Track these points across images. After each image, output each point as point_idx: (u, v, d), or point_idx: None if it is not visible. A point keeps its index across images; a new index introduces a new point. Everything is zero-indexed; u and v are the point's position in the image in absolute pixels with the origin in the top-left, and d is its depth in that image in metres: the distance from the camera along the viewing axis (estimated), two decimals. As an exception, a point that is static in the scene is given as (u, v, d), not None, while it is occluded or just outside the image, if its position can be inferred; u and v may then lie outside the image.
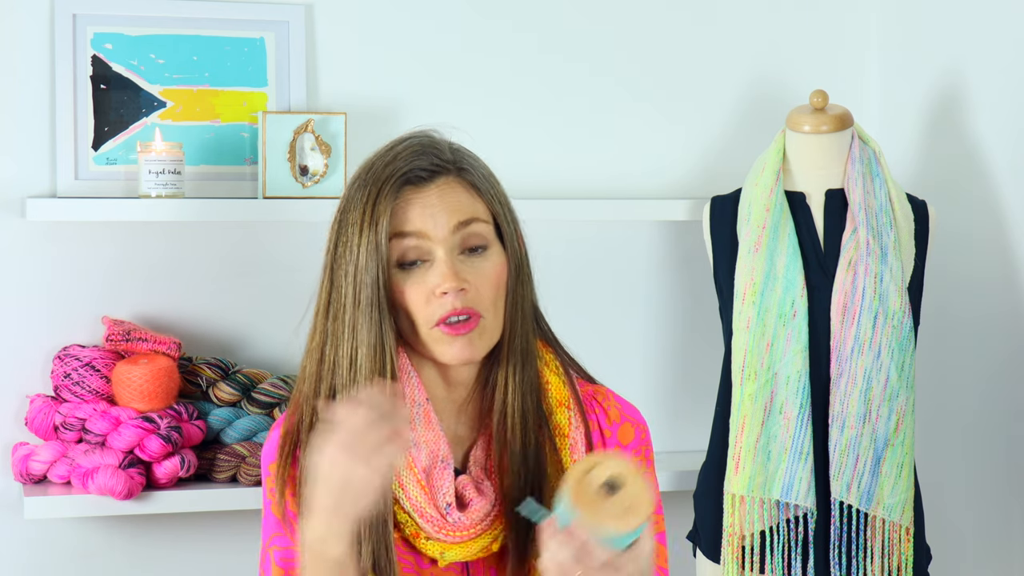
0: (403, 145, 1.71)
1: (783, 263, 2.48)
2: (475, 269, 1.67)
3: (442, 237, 1.66)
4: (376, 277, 1.65)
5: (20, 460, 2.53)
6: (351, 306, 1.66)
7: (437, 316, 1.66)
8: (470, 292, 1.66)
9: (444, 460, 1.70)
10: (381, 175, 1.67)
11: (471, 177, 1.70)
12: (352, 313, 1.66)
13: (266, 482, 1.74)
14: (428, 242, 1.66)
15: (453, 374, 1.73)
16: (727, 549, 2.48)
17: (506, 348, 1.71)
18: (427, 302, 1.66)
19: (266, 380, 2.62)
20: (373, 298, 1.65)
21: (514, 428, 1.71)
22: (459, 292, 1.65)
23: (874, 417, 2.45)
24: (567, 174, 2.86)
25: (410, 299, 1.66)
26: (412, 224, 1.66)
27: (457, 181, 1.69)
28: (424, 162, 1.68)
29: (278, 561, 1.71)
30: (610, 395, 1.81)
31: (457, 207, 1.67)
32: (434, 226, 1.66)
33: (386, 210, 1.65)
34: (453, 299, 1.65)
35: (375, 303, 1.65)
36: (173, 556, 2.69)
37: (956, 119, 2.78)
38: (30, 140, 2.59)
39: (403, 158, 1.68)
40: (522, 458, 1.70)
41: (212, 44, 2.66)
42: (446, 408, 1.74)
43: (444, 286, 1.65)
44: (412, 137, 1.73)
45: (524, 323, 1.72)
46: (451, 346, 1.66)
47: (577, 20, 2.86)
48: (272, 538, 1.72)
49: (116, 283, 2.63)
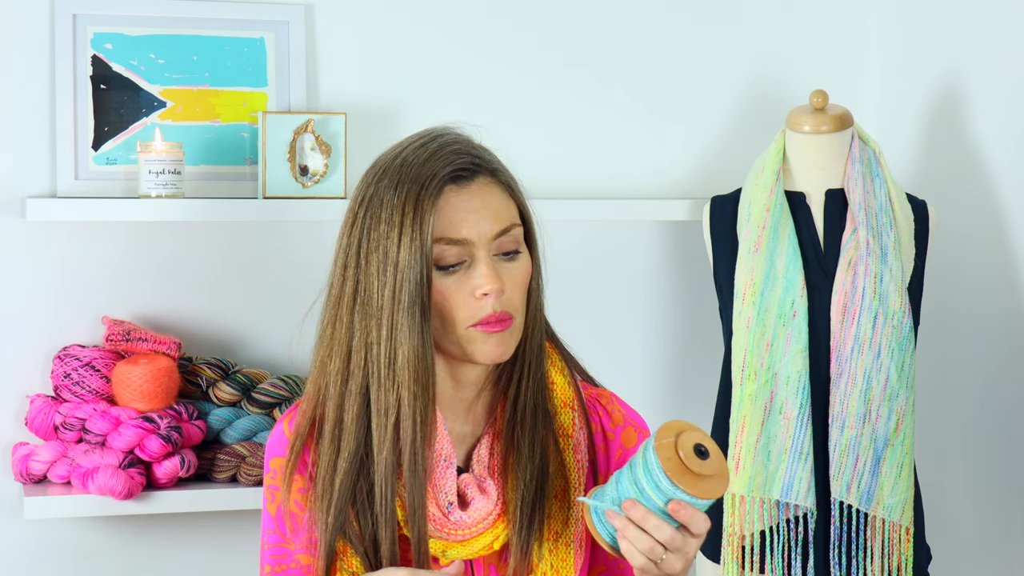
0: (437, 143, 1.69)
1: (783, 263, 2.48)
2: (509, 272, 1.68)
3: (484, 243, 1.67)
4: (420, 278, 1.63)
5: (20, 460, 2.52)
6: (389, 305, 1.64)
7: (477, 317, 1.66)
8: (505, 294, 1.67)
9: (447, 459, 1.70)
10: (420, 173, 1.66)
11: (505, 178, 1.71)
12: (391, 312, 1.64)
13: (267, 478, 1.74)
14: (471, 248, 1.66)
15: (463, 374, 1.73)
16: (727, 549, 2.48)
17: (525, 347, 1.73)
18: (466, 303, 1.66)
19: (266, 380, 2.62)
20: (416, 298, 1.64)
21: (523, 427, 1.72)
22: (498, 294, 1.66)
23: (874, 417, 2.45)
24: (567, 174, 2.86)
25: (450, 300, 1.66)
26: (459, 231, 1.65)
27: (494, 182, 1.69)
28: (465, 160, 1.68)
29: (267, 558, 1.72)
30: (614, 399, 1.82)
31: (498, 213, 1.67)
32: (478, 234, 1.66)
33: (431, 210, 1.64)
34: (493, 301, 1.65)
35: (418, 303, 1.64)
36: (173, 556, 2.69)
37: (956, 119, 2.78)
38: (30, 140, 2.59)
39: (443, 156, 1.67)
40: (528, 457, 1.71)
41: (212, 44, 2.66)
42: (453, 407, 1.75)
43: (486, 287, 1.65)
44: (445, 134, 1.71)
45: (540, 322, 1.75)
46: (486, 344, 1.67)
47: (577, 20, 2.86)
48: (267, 534, 1.73)
49: (116, 283, 2.63)
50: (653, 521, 1.57)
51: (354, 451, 1.67)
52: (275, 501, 1.72)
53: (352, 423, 1.67)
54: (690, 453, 1.57)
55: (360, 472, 1.67)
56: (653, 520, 1.57)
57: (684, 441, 1.58)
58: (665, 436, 1.58)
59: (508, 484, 1.71)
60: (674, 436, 1.58)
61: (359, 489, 1.67)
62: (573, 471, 1.74)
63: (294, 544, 1.70)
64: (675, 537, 1.58)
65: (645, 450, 1.59)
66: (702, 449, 1.58)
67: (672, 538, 1.57)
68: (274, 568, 1.71)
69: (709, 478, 1.57)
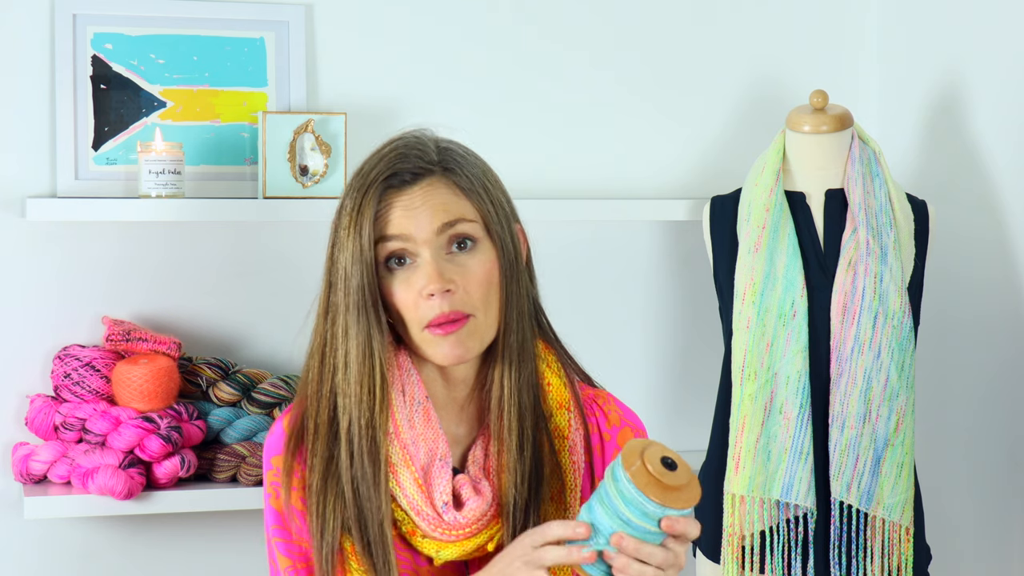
0: (389, 148, 1.72)
1: (783, 263, 2.48)
2: (462, 268, 1.68)
3: (426, 238, 1.67)
4: (361, 281, 1.66)
5: (20, 460, 2.53)
6: (343, 310, 1.68)
7: (426, 319, 1.67)
8: (457, 293, 1.67)
9: (442, 459, 1.70)
10: (367, 179, 1.69)
11: (456, 177, 1.70)
12: (344, 317, 1.68)
13: (267, 475, 1.74)
14: (413, 244, 1.67)
15: (452, 373, 1.74)
16: (727, 549, 2.48)
17: (501, 346, 1.72)
18: (415, 304, 1.67)
19: (266, 380, 2.62)
20: (360, 302, 1.67)
21: (511, 426, 1.71)
22: (445, 293, 1.66)
23: (874, 417, 2.45)
24: (567, 174, 2.86)
25: (400, 301, 1.68)
26: (394, 227, 1.67)
27: (442, 181, 1.70)
28: (407, 164, 1.69)
29: (284, 552, 1.72)
30: (611, 399, 1.82)
31: (441, 207, 1.68)
32: (417, 228, 1.67)
33: (369, 214, 1.67)
34: (440, 301, 1.66)
35: (362, 307, 1.67)
36: (173, 556, 2.69)
37: (956, 119, 2.78)
38: (30, 140, 2.59)
39: (387, 160, 1.70)
40: (519, 457, 1.71)
41: (212, 44, 2.66)
42: (447, 407, 1.75)
43: (430, 287, 1.65)
44: (400, 139, 1.73)
45: (520, 321, 1.73)
46: (440, 347, 1.68)
47: (577, 21, 2.86)
48: (272, 530, 1.73)
49: (116, 283, 2.63)
50: (647, 550, 1.57)
51: (325, 454, 1.69)
52: (279, 498, 1.73)
53: (324, 427, 1.70)
54: (661, 469, 1.57)
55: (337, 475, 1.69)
56: (646, 549, 1.57)
57: (650, 459, 1.57)
58: (632, 462, 1.57)
59: (503, 485, 1.71)
60: (639, 458, 1.57)
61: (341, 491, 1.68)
62: (569, 472, 1.74)
63: (306, 542, 1.71)
64: (667, 556, 1.58)
65: (617, 482, 1.57)
66: (669, 461, 1.58)
67: (665, 558, 1.58)
68: (295, 563, 1.72)
69: (686, 486, 1.58)
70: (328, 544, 1.67)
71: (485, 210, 1.71)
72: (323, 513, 1.68)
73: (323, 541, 1.68)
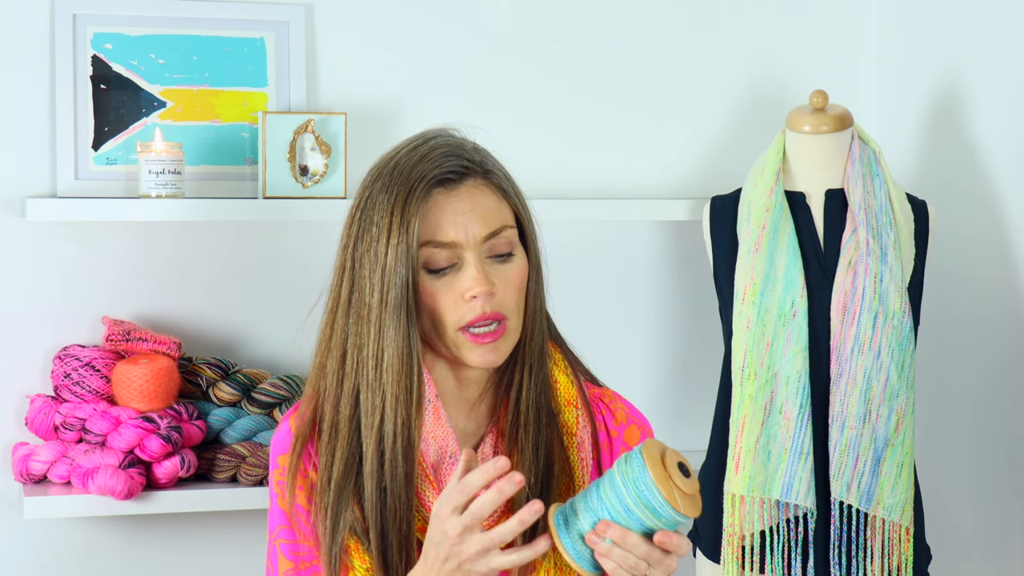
0: (428, 145, 1.70)
1: (783, 263, 2.48)
2: (501, 273, 1.69)
3: (473, 245, 1.67)
4: (406, 280, 1.65)
5: (20, 460, 2.53)
6: (377, 307, 1.66)
7: (466, 319, 1.67)
8: (497, 296, 1.67)
9: (452, 456, 1.71)
10: (410, 176, 1.67)
11: (497, 179, 1.71)
12: (379, 314, 1.66)
13: (273, 474, 1.74)
14: (460, 250, 1.67)
15: (466, 373, 1.74)
16: (727, 549, 2.48)
17: (525, 348, 1.73)
18: (456, 306, 1.67)
19: (266, 380, 2.62)
20: (401, 301, 1.65)
21: (527, 426, 1.72)
22: (488, 296, 1.66)
23: (874, 417, 2.45)
24: (567, 174, 2.86)
25: (439, 302, 1.67)
26: (446, 234, 1.66)
27: (485, 184, 1.70)
28: (453, 163, 1.68)
29: (286, 554, 1.71)
30: (617, 398, 1.83)
31: (487, 215, 1.68)
32: (466, 236, 1.67)
33: (417, 213, 1.65)
34: (482, 303, 1.66)
35: (403, 306, 1.65)
36: (173, 556, 2.69)
37: (956, 119, 2.78)
38: (30, 140, 2.59)
39: (432, 159, 1.68)
40: (532, 456, 1.71)
41: (212, 44, 2.66)
42: (457, 405, 1.75)
43: (475, 290, 1.66)
44: (437, 136, 1.72)
45: (540, 323, 1.75)
46: (475, 351, 1.68)
47: (577, 21, 2.86)
48: (278, 530, 1.73)
49: (116, 283, 2.63)
50: (632, 539, 1.57)
51: (347, 452, 1.68)
52: (285, 498, 1.72)
53: (345, 424, 1.69)
54: (677, 471, 1.57)
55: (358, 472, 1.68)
56: (632, 538, 1.57)
57: (670, 458, 1.58)
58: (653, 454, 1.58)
59: None
60: (660, 453, 1.58)
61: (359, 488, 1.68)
62: (578, 469, 1.75)
63: (311, 541, 1.71)
64: (652, 551, 1.58)
65: (632, 468, 1.58)
66: (684, 468, 1.59)
67: (650, 552, 1.58)
68: (297, 566, 1.72)
69: (692, 497, 1.58)
70: (339, 544, 1.67)
71: (522, 214, 1.72)
72: (337, 512, 1.67)
73: (334, 540, 1.67)
